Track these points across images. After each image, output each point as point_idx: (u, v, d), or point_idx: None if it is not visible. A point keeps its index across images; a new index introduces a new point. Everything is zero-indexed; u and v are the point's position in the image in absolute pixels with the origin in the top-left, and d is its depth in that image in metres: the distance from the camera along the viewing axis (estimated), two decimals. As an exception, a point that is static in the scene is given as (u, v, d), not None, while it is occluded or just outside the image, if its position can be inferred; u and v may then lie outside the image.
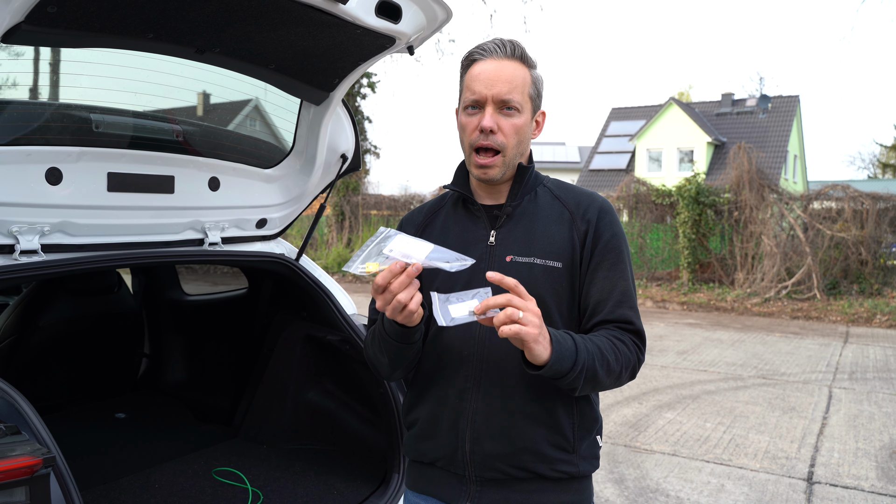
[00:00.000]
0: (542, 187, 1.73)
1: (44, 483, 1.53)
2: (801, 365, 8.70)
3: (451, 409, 1.63)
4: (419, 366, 1.71)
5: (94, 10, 1.89)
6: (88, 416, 3.82)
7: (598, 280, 1.61)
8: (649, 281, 16.19)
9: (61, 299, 3.68)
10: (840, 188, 14.63)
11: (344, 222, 20.61)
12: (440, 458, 1.66)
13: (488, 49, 1.60)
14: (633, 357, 1.58)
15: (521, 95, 1.59)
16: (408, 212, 1.89)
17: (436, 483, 1.69)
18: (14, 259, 2.23)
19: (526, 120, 1.62)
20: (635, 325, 1.61)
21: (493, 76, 1.57)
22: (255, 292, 3.79)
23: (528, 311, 1.36)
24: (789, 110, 32.31)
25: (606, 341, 1.54)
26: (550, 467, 1.59)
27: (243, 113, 3.16)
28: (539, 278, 1.59)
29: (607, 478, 4.73)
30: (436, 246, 1.45)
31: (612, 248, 1.63)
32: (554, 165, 41.00)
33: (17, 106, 2.37)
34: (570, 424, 1.61)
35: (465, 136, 1.63)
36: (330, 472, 3.07)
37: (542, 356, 1.39)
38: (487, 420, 1.59)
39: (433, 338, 1.66)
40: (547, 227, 1.65)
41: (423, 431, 1.69)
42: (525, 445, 1.58)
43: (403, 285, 1.40)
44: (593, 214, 1.65)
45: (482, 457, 1.59)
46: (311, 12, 2.06)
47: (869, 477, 4.86)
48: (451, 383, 1.63)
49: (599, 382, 1.51)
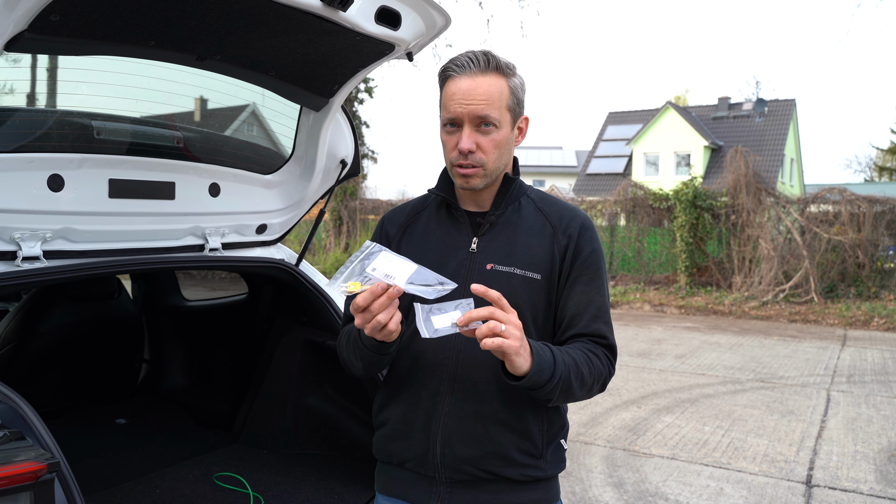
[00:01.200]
0: (525, 198, 1.74)
1: (48, 488, 1.53)
2: (799, 368, 8.71)
3: (423, 411, 1.64)
4: (392, 366, 1.73)
5: (96, 18, 1.90)
6: (89, 422, 3.82)
7: (575, 294, 1.64)
8: (647, 285, 16.21)
9: (62, 305, 3.68)
10: (837, 191, 14.66)
11: (342, 227, 20.61)
12: (410, 459, 1.67)
13: (461, 64, 1.58)
14: (605, 370, 1.62)
15: (499, 110, 1.59)
16: (391, 209, 1.90)
17: (405, 485, 1.70)
18: (16, 265, 2.24)
19: (505, 133, 1.62)
20: (608, 340, 1.65)
21: (468, 93, 1.56)
22: (255, 298, 3.80)
23: (511, 324, 1.39)
24: (786, 114, 32.41)
25: (581, 354, 1.57)
26: (518, 472, 1.62)
27: (243, 119, 3.17)
28: (518, 288, 1.61)
29: (606, 482, 4.73)
30: (419, 266, 1.45)
31: (590, 263, 1.66)
32: (551, 170, 41.07)
33: (20, 114, 2.38)
34: (539, 431, 1.64)
35: (446, 153, 1.65)
36: (330, 477, 3.08)
37: (522, 367, 1.41)
38: (459, 424, 1.61)
39: (408, 340, 1.66)
40: (528, 238, 1.66)
41: (394, 432, 1.71)
42: (494, 450, 1.61)
43: (384, 306, 1.42)
44: (575, 230, 1.67)
45: (452, 459, 1.61)
46: (311, 19, 2.07)
47: (868, 480, 4.87)
48: (424, 386, 1.65)
49: (573, 394, 1.55)
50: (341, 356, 1.75)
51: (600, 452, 5.36)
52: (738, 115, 33.44)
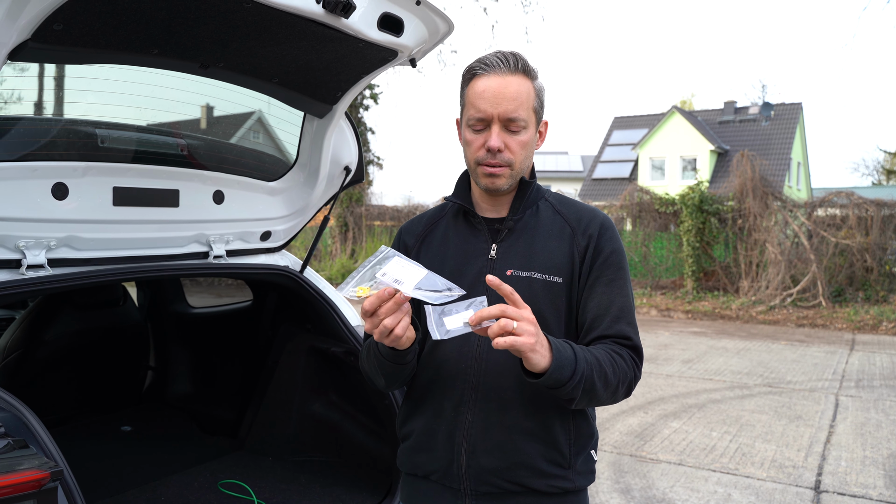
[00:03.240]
0: (543, 201, 1.72)
1: (51, 497, 1.53)
2: (807, 373, 8.66)
3: (447, 422, 1.62)
4: (415, 378, 1.70)
5: (99, 27, 1.91)
6: (94, 429, 3.83)
7: (596, 295, 1.61)
8: (653, 290, 16.17)
9: (67, 313, 3.69)
10: (844, 195, 14.60)
11: (347, 233, 20.64)
12: (435, 472, 1.64)
13: (491, 63, 1.58)
14: (631, 372, 1.56)
15: (527, 111, 1.58)
16: (408, 220, 1.89)
17: (430, 498, 1.67)
18: (21, 273, 2.25)
19: (531, 135, 1.62)
20: (633, 341, 1.59)
21: (498, 93, 1.55)
22: (259, 304, 3.81)
23: (523, 321, 1.34)
24: (792, 117, 32.32)
25: (605, 354, 1.52)
26: (546, 483, 1.59)
27: (247, 126, 3.18)
28: (539, 293, 1.58)
29: (613, 488, 4.71)
30: (428, 272, 1.44)
31: (611, 263, 1.63)
32: (557, 175, 41.04)
33: (24, 122, 2.40)
34: (567, 440, 1.60)
35: (471, 153, 1.62)
36: (335, 484, 3.07)
37: (540, 364, 1.37)
38: (484, 434, 1.58)
39: (430, 350, 1.65)
40: (548, 241, 1.64)
41: (418, 444, 1.68)
42: (521, 460, 1.57)
43: (390, 311, 1.39)
44: (595, 230, 1.65)
45: (477, 471, 1.58)
46: (313, 27, 2.07)
47: (877, 485, 4.83)
48: (447, 396, 1.62)
49: (597, 394, 1.49)
50: (363, 370, 1.73)
51: (607, 458, 5.33)
52: (745, 119, 33.36)
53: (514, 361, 1.48)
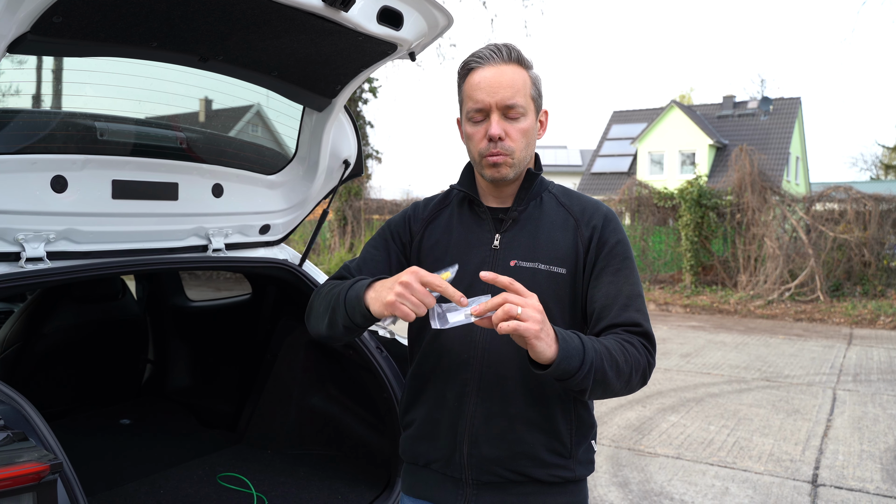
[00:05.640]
0: (547, 193, 1.73)
1: (51, 489, 1.53)
2: (804, 367, 8.69)
3: (449, 411, 1.62)
4: (418, 367, 1.71)
5: (98, 19, 1.90)
6: (93, 423, 3.83)
7: (603, 285, 1.60)
8: (652, 284, 16.18)
9: (66, 306, 3.69)
10: (842, 190, 14.62)
11: (346, 227, 20.64)
12: (437, 461, 1.65)
13: (485, 56, 1.59)
14: (644, 360, 1.52)
15: (524, 98, 1.59)
16: (413, 203, 1.88)
17: (432, 487, 1.68)
18: (20, 266, 2.24)
19: (531, 122, 1.62)
20: (643, 328, 1.56)
21: (494, 82, 1.56)
22: (258, 298, 3.81)
23: (528, 307, 1.31)
24: (791, 112, 32.29)
25: (615, 343, 1.49)
26: (547, 472, 1.60)
27: (246, 120, 3.17)
28: (543, 284, 1.58)
29: (611, 481, 4.73)
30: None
31: (617, 253, 1.62)
32: (555, 169, 41.02)
33: (23, 115, 2.39)
34: (568, 430, 1.61)
35: (473, 146, 1.62)
36: (334, 477, 3.08)
37: (545, 353, 1.33)
38: (486, 424, 1.59)
39: (433, 339, 1.65)
40: (552, 232, 1.64)
41: (420, 433, 1.69)
42: (523, 450, 1.58)
43: (425, 297, 1.37)
44: (599, 221, 1.65)
45: (479, 460, 1.59)
46: (312, 20, 2.07)
47: (874, 479, 4.85)
48: (450, 386, 1.63)
49: (609, 384, 1.44)
50: (310, 305, 1.70)
51: (605, 452, 5.35)
52: (743, 113, 33.33)
53: (517, 352, 1.48)
